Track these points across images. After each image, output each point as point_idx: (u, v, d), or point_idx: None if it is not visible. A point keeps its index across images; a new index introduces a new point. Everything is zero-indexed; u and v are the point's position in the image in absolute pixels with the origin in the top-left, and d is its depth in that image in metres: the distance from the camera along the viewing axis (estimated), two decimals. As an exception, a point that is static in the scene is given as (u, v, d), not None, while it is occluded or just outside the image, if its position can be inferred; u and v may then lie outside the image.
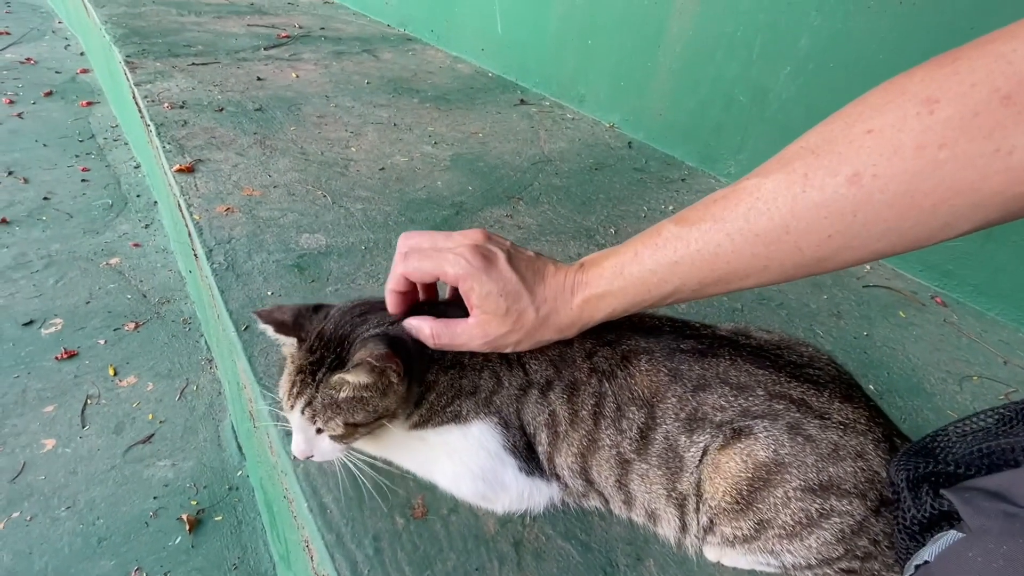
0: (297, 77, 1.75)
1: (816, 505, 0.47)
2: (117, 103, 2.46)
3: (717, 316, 0.92)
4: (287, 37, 2.13)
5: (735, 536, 0.50)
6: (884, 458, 0.49)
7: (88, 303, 1.56)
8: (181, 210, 1.06)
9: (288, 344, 0.54)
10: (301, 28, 2.27)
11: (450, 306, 0.57)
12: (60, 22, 3.74)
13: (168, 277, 1.70)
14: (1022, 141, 0.34)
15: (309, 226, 1.02)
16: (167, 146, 1.22)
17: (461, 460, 0.55)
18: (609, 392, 0.54)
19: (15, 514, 1.05)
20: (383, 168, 1.27)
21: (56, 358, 1.38)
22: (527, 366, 0.55)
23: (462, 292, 0.51)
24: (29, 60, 3.05)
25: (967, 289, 1.05)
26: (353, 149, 1.34)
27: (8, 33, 3.38)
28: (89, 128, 2.48)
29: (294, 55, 1.95)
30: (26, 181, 2.04)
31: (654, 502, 0.54)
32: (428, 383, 0.54)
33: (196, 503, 1.11)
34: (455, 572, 0.53)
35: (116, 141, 2.41)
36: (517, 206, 1.19)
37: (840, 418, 0.50)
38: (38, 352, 1.39)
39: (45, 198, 1.97)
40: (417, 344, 0.54)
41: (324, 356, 0.51)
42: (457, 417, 0.54)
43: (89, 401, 1.29)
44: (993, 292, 1.02)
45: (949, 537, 0.41)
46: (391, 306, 0.56)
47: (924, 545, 0.43)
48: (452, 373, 0.55)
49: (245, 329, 0.77)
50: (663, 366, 0.54)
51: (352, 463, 0.55)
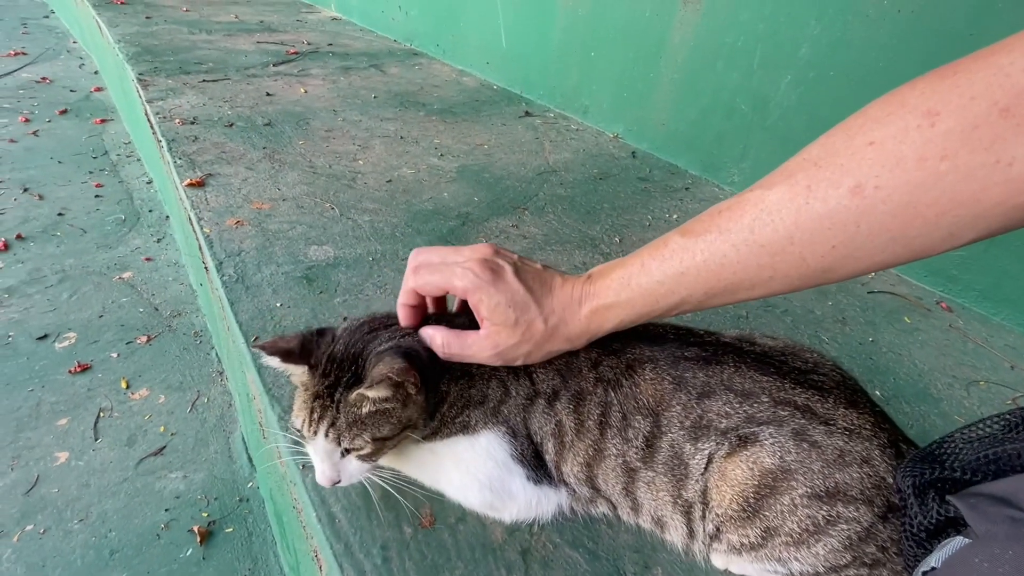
0: (305, 92, 1.78)
1: (823, 512, 0.47)
2: (130, 120, 2.51)
3: (722, 323, 0.92)
4: (296, 53, 2.16)
5: (742, 544, 0.50)
6: (890, 464, 0.49)
7: (101, 317, 1.58)
8: (192, 224, 1.08)
9: (298, 373, 0.53)
10: (309, 44, 2.31)
11: (458, 317, 0.58)
12: (75, 42, 3.82)
13: (179, 290, 1.72)
14: (1021, 152, 0.34)
15: (317, 238, 1.03)
16: (178, 161, 1.24)
17: (469, 469, 0.55)
18: (615, 401, 0.54)
19: (29, 527, 1.06)
20: (390, 180, 1.28)
21: (70, 371, 1.39)
22: (534, 376, 0.56)
23: (471, 305, 0.52)
24: (45, 79, 3.11)
25: (972, 294, 1.04)
26: (361, 162, 1.35)
27: (25, 53, 3.46)
28: (103, 145, 2.52)
29: (302, 71, 1.98)
30: (41, 197, 2.08)
31: (660, 509, 0.54)
32: (441, 394, 0.54)
33: (207, 515, 1.12)
34: (463, 581, 0.53)
35: (129, 157, 2.45)
36: (522, 216, 1.20)
37: (845, 424, 0.50)
38: (52, 366, 1.41)
39: (60, 214, 2.00)
40: (430, 354, 0.54)
41: (339, 377, 0.51)
42: (466, 427, 0.55)
43: (102, 414, 1.30)
44: (998, 297, 1.01)
45: (955, 543, 0.41)
46: (403, 319, 0.57)
47: (931, 552, 0.43)
48: (462, 383, 0.55)
49: (254, 340, 0.78)
50: (668, 374, 0.54)
51: (371, 477, 0.55)
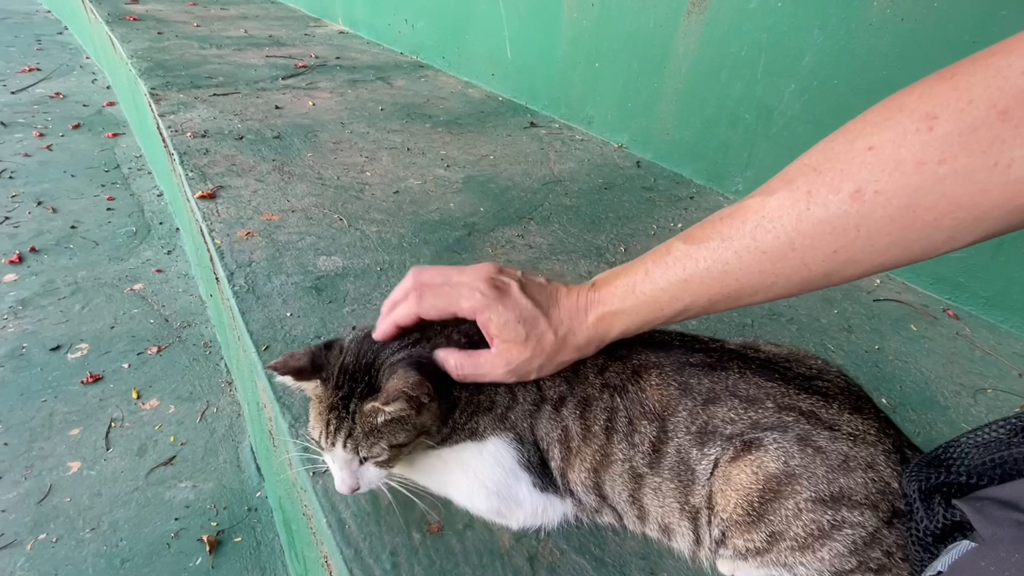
0: (313, 105, 1.81)
1: (828, 516, 0.47)
2: (141, 134, 2.55)
3: (728, 332, 0.92)
4: (304, 67, 2.20)
5: (747, 549, 0.50)
6: (895, 469, 0.49)
7: (113, 328, 1.60)
8: (203, 235, 1.10)
9: (311, 387, 0.54)
10: (317, 58, 2.35)
11: (445, 329, 0.57)
12: (88, 58, 3.89)
13: (189, 302, 1.74)
14: (1020, 154, 0.34)
15: (326, 249, 1.04)
16: (190, 174, 1.26)
17: (476, 476, 0.56)
18: (621, 407, 0.54)
19: (42, 536, 1.08)
20: (397, 191, 1.30)
21: (82, 382, 1.41)
22: (541, 382, 0.56)
23: (480, 324, 0.52)
24: (58, 95, 3.17)
25: (979, 302, 1.04)
26: (368, 173, 1.37)
27: (39, 69, 3.53)
28: (114, 158, 2.57)
29: (311, 84, 2.01)
30: (54, 210, 2.11)
31: (667, 516, 0.54)
32: (453, 399, 0.55)
33: (216, 524, 1.12)
34: (471, 586, 0.54)
35: (140, 170, 2.49)
36: (528, 226, 1.21)
37: (850, 429, 0.50)
38: (64, 376, 1.43)
39: (72, 227, 2.04)
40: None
41: (352, 388, 0.52)
42: (474, 434, 0.55)
43: (113, 424, 1.32)
44: (1005, 304, 1.01)
45: (962, 547, 0.41)
46: (385, 335, 0.54)
47: (938, 556, 0.43)
48: (471, 389, 0.56)
49: (265, 349, 0.79)
50: (673, 380, 0.54)
51: (386, 484, 0.56)
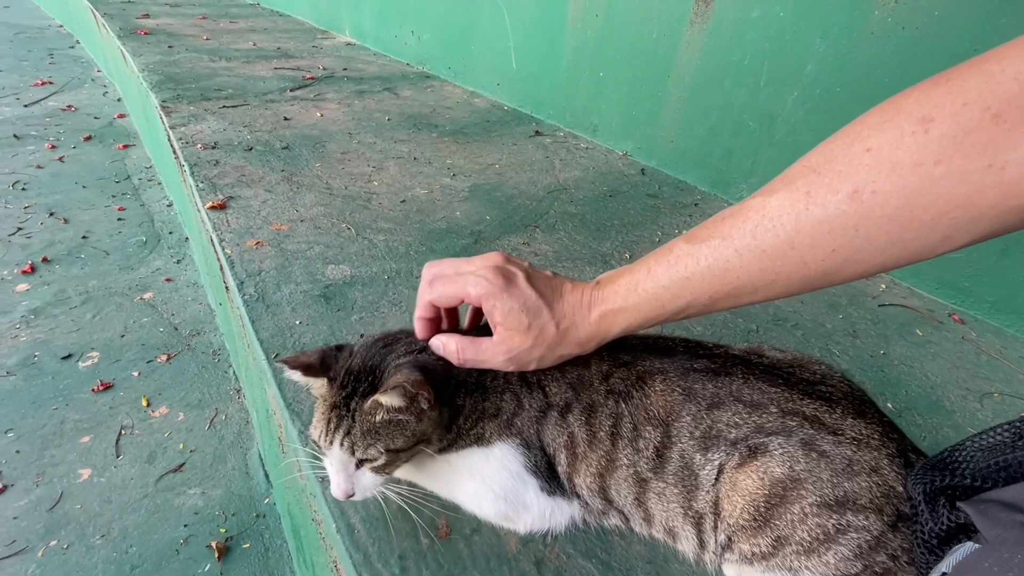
0: (321, 116, 1.83)
1: (832, 520, 0.48)
2: (151, 145, 2.58)
3: (732, 337, 0.93)
4: (312, 79, 2.23)
5: (753, 553, 0.50)
6: (899, 473, 0.50)
7: (123, 336, 1.62)
8: (214, 245, 1.11)
9: (317, 386, 0.56)
10: (325, 70, 2.38)
11: (470, 331, 0.60)
12: (99, 71, 3.95)
13: (198, 310, 1.76)
14: (1014, 156, 0.35)
15: (334, 257, 1.06)
16: (200, 184, 1.28)
17: (484, 481, 0.56)
18: (626, 412, 0.55)
19: (53, 542, 1.09)
20: (404, 200, 1.31)
21: (93, 390, 1.43)
22: (547, 389, 0.57)
23: (485, 311, 0.54)
24: (70, 107, 3.23)
25: (985, 306, 1.04)
26: (375, 183, 1.39)
27: (51, 83, 3.59)
28: (125, 169, 2.60)
29: (318, 95, 2.04)
30: (66, 221, 2.15)
31: (672, 520, 0.54)
32: (457, 407, 0.56)
33: (225, 531, 1.13)
34: (479, 590, 0.54)
35: (150, 181, 2.52)
36: (534, 234, 1.22)
37: (854, 434, 0.51)
38: (76, 384, 1.45)
39: (84, 237, 2.07)
40: (445, 370, 0.56)
41: (356, 388, 0.53)
42: (480, 439, 0.56)
43: (123, 431, 1.33)
44: (1011, 309, 1.01)
45: (966, 548, 0.42)
46: (419, 332, 0.59)
47: (943, 558, 0.44)
48: (476, 396, 0.56)
49: (275, 357, 0.80)
50: (677, 385, 0.55)
51: (386, 493, 0.57)
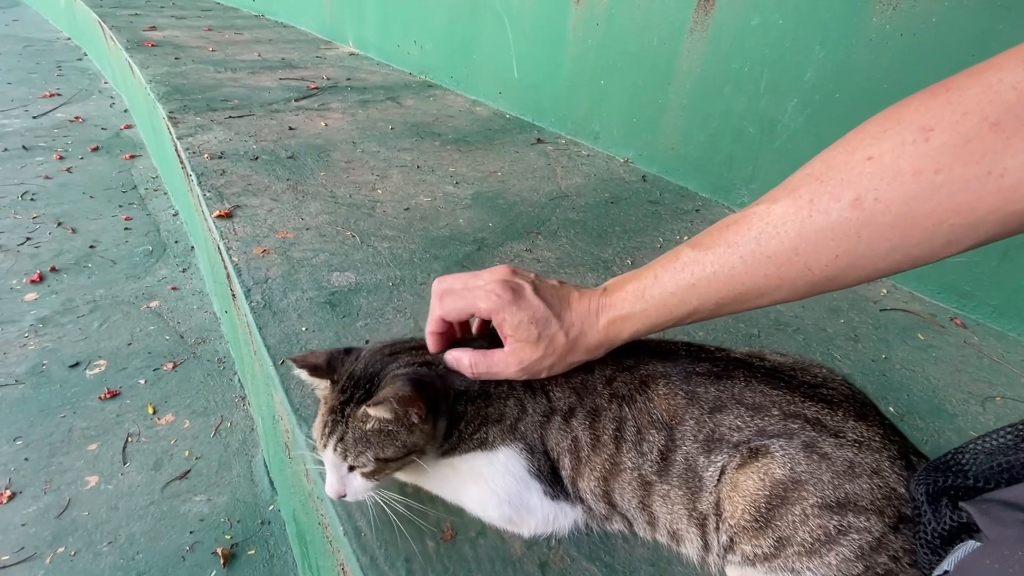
0: (326, 125, 1.85)
1: (834, 522, 0.48)
2: (158, 155, 2.61)
3: (735, 341, 0.93)
4: (316, 88, 2.25)
5: (755, 554, 0.51)
6: (900, 475, 0.50)
7: (130, 345, 1.63)
8: (221, 253, 1.13)
9: (322, 387, 0.57)
10: (329, 80, 2.40)
11: (479, 341, 0.61)
12: (106, 83, 4.00)
13: (204, 318, 1.77)
14: (1012, 164, 0.36)
15: (339, 265, 1.07)
16: (207, 194, 1.30)
17: (488, 485, 0.57)
18: (629, 416, 0.55)
19: (60, 549, 1.09)
20: (408, 208, 1.33)
21: (100, 398, 1.44)
22: (550, 393, 0.57)
23: (495, 324, 0.55)
24: (78, 118, 3.26)
25: (987, 310, 1.04)
26: (379, 191, 1.40)
27: (59, 94, 3.63)
28: (132, 180, 2.63)
29: (323, 105, 2.06)
30: (74, 231, 2.17)
31: (676, 522, 0.55)
32: (458, 413, 0.56)
33: (230, 537, 1.14)
34: (484, 593, 0.55)
35: (156, 191, 2.54)
36: (536, 240, 1.23)
37: (855, 436, 0.51)
38: (83, 392, 1.46)
39: (91, 246, 2.09)
40: (443, 382, 0.56)
41: (354, 393, 0.54)
42: (483, 444, 0.56)
43: (130, 439, 1.34)
44: (1013, 313, 1.01)
45: (968, 547, 0.42)
46: (432, 346, 0.60)
47: (945, 557, 0.44)
48: (479, 402, 0.57)
49: (282, 363, 0.81)
50: (680, 389, 0.56)
51: (382, 499, 0.57)
